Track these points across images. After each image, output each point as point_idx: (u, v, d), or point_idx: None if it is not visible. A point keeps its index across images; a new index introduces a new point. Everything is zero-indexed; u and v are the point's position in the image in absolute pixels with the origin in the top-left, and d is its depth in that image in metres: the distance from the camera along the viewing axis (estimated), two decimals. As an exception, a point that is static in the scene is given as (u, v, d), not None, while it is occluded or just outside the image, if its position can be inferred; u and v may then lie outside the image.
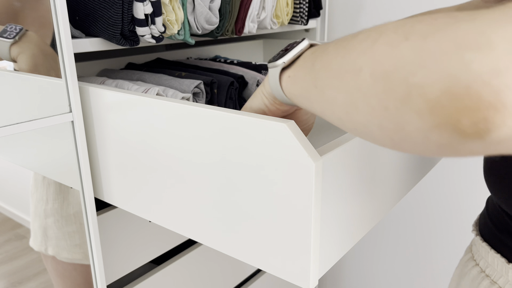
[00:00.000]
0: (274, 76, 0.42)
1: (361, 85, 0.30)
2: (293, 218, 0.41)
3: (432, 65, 0.25)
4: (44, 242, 0.73)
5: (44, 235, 0.72)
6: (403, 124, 0.28)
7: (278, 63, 0.41)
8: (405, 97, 0.27)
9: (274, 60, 0.42)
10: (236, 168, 0.45)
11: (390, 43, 0.28)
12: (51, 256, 0.74)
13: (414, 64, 0.26)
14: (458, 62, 0.24)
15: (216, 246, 0.51)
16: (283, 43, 1.19)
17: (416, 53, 0.26)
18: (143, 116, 0.53)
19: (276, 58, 0.42)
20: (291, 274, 0.44)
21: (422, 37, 0.27)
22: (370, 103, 0.30)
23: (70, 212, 0.72)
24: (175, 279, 0.86)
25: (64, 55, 0.56)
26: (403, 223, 1.27)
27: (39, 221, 0.72)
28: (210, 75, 0.77)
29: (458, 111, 0.25)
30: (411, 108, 0.27)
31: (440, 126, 0.26)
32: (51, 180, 0.72)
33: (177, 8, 0.68)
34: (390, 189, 0.56)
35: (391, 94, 0.28)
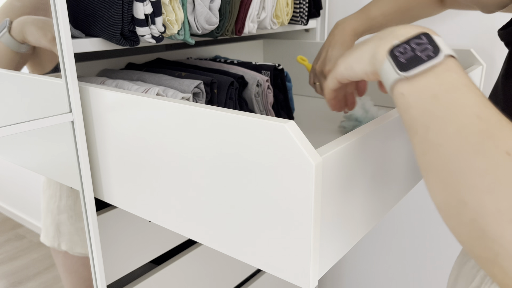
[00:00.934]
0: (388, 78, 0.39)
1: (463, 216, 0.32)
2: (293, 218, 0.41)
3: None
4: (57, 237, 0.74)
5: (57, 231, 0.73)
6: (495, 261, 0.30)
7: (401, 74, 0.37)
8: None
9: (398, 61, 0.38)
10: (236, 168, 0.45)
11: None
12: (62, 251, 0.75)
13: None
14: None
15: (216, 246, 0.51)
16: (283, 43, 1.19)
17: None
18: (143, 116, 0.53)
19: (400, 60, 0.38)
20: (291, 274, 0.44)
21: None
22: (469, 229, 0.31)
23: (83, 208, 0.73)
24: (175, 279, 0.86)
25: (64, 55, 0.56)
26: (403, 223, 1.27)
27: (51, 217, 0.73)
28: (210, 75, 0.77)
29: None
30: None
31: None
32: None
33: (177, 8, 0.68)
34: (390, 189, 0.56)
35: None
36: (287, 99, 0.88)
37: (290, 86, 0.90)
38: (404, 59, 0.37)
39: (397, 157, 0.56)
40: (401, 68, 0.37)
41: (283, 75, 0.87)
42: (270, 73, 0.84)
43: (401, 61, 0.38)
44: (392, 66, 0.38)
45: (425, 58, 0.37)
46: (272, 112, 0.84)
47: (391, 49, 0.39)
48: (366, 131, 0.47)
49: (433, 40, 0.37)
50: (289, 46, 1.18)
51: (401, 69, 0.37)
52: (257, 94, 0.81)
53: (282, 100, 0.87)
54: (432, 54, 0.37)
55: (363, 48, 0.44)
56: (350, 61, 0.46)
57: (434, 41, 0.37)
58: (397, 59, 0.38)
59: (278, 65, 0.86)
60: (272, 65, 0.85)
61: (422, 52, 0.37)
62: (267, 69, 0.85)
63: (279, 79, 0.86)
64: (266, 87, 0.82)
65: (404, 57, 0.38)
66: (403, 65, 0.37)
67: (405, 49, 0.38)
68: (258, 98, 0.81)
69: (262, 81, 0.80)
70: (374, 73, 0.43)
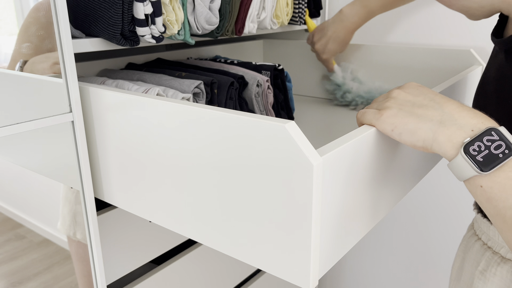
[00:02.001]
0: (463, 172, 0.42)
1: None
2: (293, 218, 0.41)
3: None
4: (73, 226, 0.75)
5: (73, 220, 0.74)
6: None
7: (481, 173, 0.41)
8: None
9: (475, 159, 0.40)
10: (236, 168, 0.45)
11: None
12: (77, 240, 0.76)
13: None
14: None
15: (216, 246, 0.51)
16: (283, 43, 1.19)
17: None
18: (143, 116, 0.53)
19: (478, 159, 0.40)
20: (291, 274, 0.44)
21: None
22: None
23: None
24: (175, 279, 0.86)
25: (64, 55, 0.56)
26: (403, 222, 1.27)
27: (69, 206, 0.74)
28: (210, 75, 0.77)
29: None
30: None
31: None
32: None
33: (177, 8, 0.68)
34: (390, 189, 0.56)
35: None
36: (287, 99, 0.88)
37: (290, 86, 0.90)
38: (481, 157, 0.40)
39: (397, 157, 0.56)
40: (480, 167, 0.40)
41: (283, 75, 0.87)
42: (270, 73, 0.84)
43: (479, 160, 0.41)
44: (469, 165, 0.41)
45: (501, 155, 0.40)
46: (272, 112, 0.84)
47: (466, 147, 0.41)
48: (366, 131, 0.47)
49: (503, 136, 0.40)
50: (289, 46, 1.18)
51: (480, 168, 0.40)
52: (257, 94, 0.81)
53: (282, 100, 0.88)
54: (507, 151, 0.40)
55: (419, 124, 0.45)
56: (399, 128, 0.46)
57: (505, 137, 0.40)
58: (475, 158, 0.41)
59: (278, 65, 0.86)
60: (272, 65, 0.85)
61: (496, 149, 0.40)
62: (267, 69, 0.85)
63: (279, 79, 0.86)
64: (266, 87, 0.82)
65: (480, 155, 0.41)
66: (481, 163, 0.40)
67: (479, 147, 0.41)
68: (258, 98, 0.81)
69: (262, 81, 0.80)
70: (425, 150, 0.45)
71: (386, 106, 0.48)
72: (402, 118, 0.46)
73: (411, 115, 0.46)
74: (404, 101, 0.48)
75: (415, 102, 0.47)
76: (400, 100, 0.48)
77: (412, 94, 0.48)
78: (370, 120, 0.49)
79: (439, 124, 0.44)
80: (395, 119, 0.46)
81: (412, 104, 0.47)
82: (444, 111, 0.44)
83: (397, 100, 0.48)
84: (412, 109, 0.46)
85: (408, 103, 0.47)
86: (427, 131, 0.44)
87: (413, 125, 0.45)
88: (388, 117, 0.47)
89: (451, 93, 0.71)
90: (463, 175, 0.42)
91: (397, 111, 0.47)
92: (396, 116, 0.46)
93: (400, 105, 0.47)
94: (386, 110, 0.48)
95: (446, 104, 0.45)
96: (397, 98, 0.48)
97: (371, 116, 0.49)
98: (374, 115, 0.49)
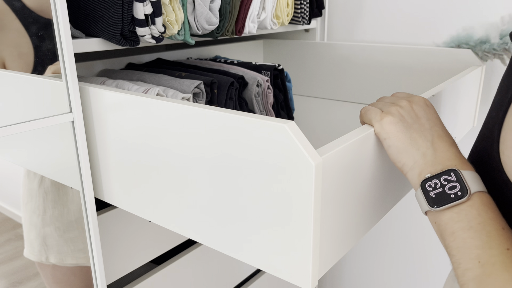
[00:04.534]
0: (420, 205, 0.44)
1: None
2: (293, 218, 0.41)
3: None
4: (44, 251, 0.71)
5: (43, 244, 0.71)
6: None
7: (430, 209, 0.43)
8: None
9: (428, 195, 0.43)
10: (236, 168, 0.45)
11: None
12: (51, 264, 0.73)
13: None
14: None
15: (216, 246, 0.51)
16: (283, 43, 1.19)
17: None
18: (143, 117, 0.53)
19: (430, 195, 0.43)
20: (291, 274, 0.44)
21: None
22: None
23: (71, 218, 0.71)
24: (175, 279, 0.86)
25: (64, 55, 0.56)
26: (403, 223, 1.27)
27: (35, 231, 0.71)
28: (210, 75, 0.77)
29: None
30: None
31: None
32: (48, 188, 0.71)
33: (177, 9, 0.68)
34: (389, 189, 0.56)
35: None
36: (287, 99, 0.88)
37: (290, 86, 0.90)
38: (434, 194, 0.42)
39: (397, 157, 0.56)
40: (430, 203, 0.43)
41: (283, 75, 0.87)
42: (270, 73, 0.84)
43: (431, 196, 0.43)
44: (423, 198, 0.43)
45: (453, 196, 0.41)
46: (272, 112, 0.84)
47: (424, 182, 0.44)
48: (366, 131, 0.47)
49: (462, 179, 0.42)
50: (289, 46, 1.18)
51: (430, 203, 0.43)
52: (257, 94, 0.81)
53: (282, 100, 0.88)
54: (459, 193, 0.41)
55: (407, 147, 0.47)
56: (391, 140, 0.47)
57: (464, 180, 0.42)
58: (428, 193, 0.43)
59: (278, 65, 0.86)
60: (272, 65, 0.85)
61: (450, 190, 0.42)
62: (267, 69, 0.85)
63: (279, 79, 0.86)
64: (266, 87, 0.82)
65: (433, 192, 0.43)
66: (432, 200, 0.42)
67: (436, 184, 0.43)
68: (258, 98, 0.81)
69: (262, 81, 0.80)
70: (401, 171, 0.47)
71: (390, 111, 0.49)
72: (398, 132, 0.47)
73: (406, 133, 0.47)
74: (408, 115, 0.48)
75: (415, 121, 0.48)
76: (405, 112, 0.49)
77: (417, 112, 0.49)
78: (370, 120, 0.50)
79: (422, 156, 0.46)
80: (392, 128, 0.47)
81: (413, 121, 0.48)
82: (433, 145, 0.46)
83: (402, 110, 0.49)
84: (410, 127, 0.47)
85: (410, 119, 0.48)
86: (409, 157, 0.46)
87: (403, 145, 0.47)
88: (387, 123, 0.48)
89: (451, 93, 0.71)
90: (421, 207, 0.45)
91: (398, 121, 0.48)
92: (395, 125, 0.47)
93: (402, 117, 0.48)
94: (388, 115, 0.48)
95: (438, 140, 0.47)
96: (403, 109, 0.49)
97: (372, 115, 0.50)
98: (375, 116, 0.49)
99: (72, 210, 0.71)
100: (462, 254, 0.40)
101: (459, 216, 0.41)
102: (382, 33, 1.13)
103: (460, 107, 0.79)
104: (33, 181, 0.72)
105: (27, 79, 0.60)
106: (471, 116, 0.92)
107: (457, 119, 0.80)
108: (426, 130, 0.48)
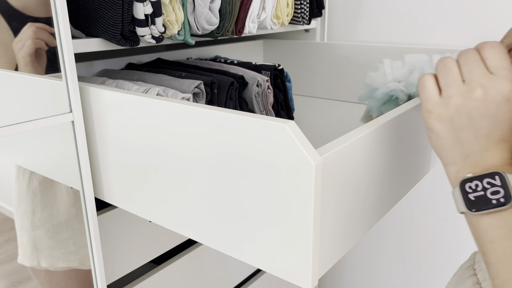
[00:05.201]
0: (457, 204, 0.41)
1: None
2: (293, 218, 0.41)
3: None
4: (35, 255, 0.70)
5: (34, 248, 0.69)
6: None
7: (467, 212, 0.40)
8: None
9: (467, 197, 0.39)
10: (236, 168, 0.45)
11: None
12: (44, 269, 0.72)
13: None
14: None
15: (216, 246, 0.51)
16: (283, 43, 1.19)
17: None
18: (143, 117, 0.53)
19: (469, 198, 0.39)
20: (291, 274, 0.44)
21: None
22: None
23: (61, 219, 0.70)
24: (175, 279, 0.86)
25: (64, 55, 0.56)
26: (403, 222, 1.27)
27: (27, 234, 0.69)
28: (210, 75, 0.77)
29: None
30: None
31: None
32: (36, 189, 0.69)
33: (177, 9, 0.68)
34: (389, 189, 0.56)
35: None
36: (287, 99, 0.88)
37: (290, 86, 0.91)
38: (473, 197, 0.39)
39: (397, 157, 0.56)
40: (468, 206, 0.39)
41: (283, 75, 0.87)
42: (270, 73, 0.84)
43: (470, 198, 0.39)
44: (461, 200, 0.40)
45: (495, 202, 0.38)
46: (272, 112, 0.84)
47: (463, 182, 0.40)
48: (366, 131, 0.47)
49: (506, 184, 0.38)
50: (289, 46, 1.18)
51: (468, 206, 0.39)
52: (257, 94, 0.81)
53: (282, 100, 0.88)
54: (502, 200, 0.38)
55: (455, 145, 0.42)
56: (442, 128, 0.42)
57: (508, 185, 0.38)
58: (467, 195, 0.40)
59: (278, 65, 0.86)
60: (272, 65, 0.85)
61: (493, 194, 0.38)
62: (267, 69, 0.85)
63: (279, 79, 0.87)
64: (266, 87, 0.82)
65: (473, 195, 0.39)
66: (471, 203, 0.39)
67: (477, 186, 0.39)
68: (258, 98, 0.81)
69: (262, 81, 0.80)
70: (440, 159, 0.44)
71: (448, 102, 0.42)
72: (443, 132, 0.42)
73: (452, 134, 0.42)
74: (466, 113, 0.41)
75: (472, 123, 0.41)
76: (465, 108, 0.41)
77: (487, 109, 0.41)
78: (421, 100, 0.44)
79: (463, 157, 0.42)
80: (438, 126, 0.43)
81: (468, 123, 0.41)
82: (483, 150, 0.41)
83: (463, 105, 0.41)
84: (460, 130, 0.42)
85: (466, 119, 0.41)
86: (448, 156, 0.43)
87: (444, 144, 0.43)
88: (435, 119, 0.43)
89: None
90: (457, 207, 0.42)
91: (448, 121, 0.42)
92: (441, 124, 0.42)
93: (457, 114, 0.42)
94: (441, 109, 0.42)
95: (494, 144, 0.41)
96: (467, 101, 0.41)
97: (425, 97, 0.44)
98: (427, 100, 0.43)
99: (61, 210, 0.70)
100: (502, 264, 0.37)
101: (500, 223, 0.38)
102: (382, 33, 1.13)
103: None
104: (22, 183, 0.70)
105: (27, 79, 0.60)
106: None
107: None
108: (482, 135, 0.41)
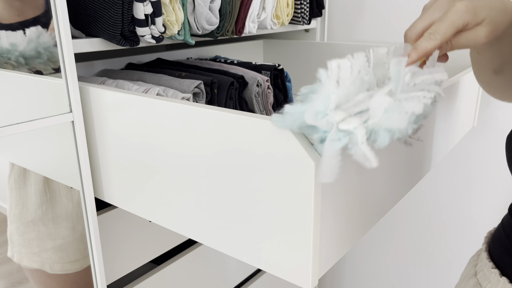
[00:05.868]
0: None
1: None
2: (293, 218, 0.41)
3: None
4: (11, 248, 0.71)
5: (11, 241, 0.70)
6: None
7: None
8: None
9: None
10: (236, 168, 0.45)
11: None
12: (35, 269, 0.72)
13: None
14: None
15: (216, 246, 0.51)
16: (283, 43, 1.19)
17: None
18: (144, 116, 0.53)
19: None
20: (291, 274, 0.44)
21: None
22: None
23: (28, 219, 0.70)
24: (175, 279, 0.86)
25: (64, 55, 0.56)
26: (403, 222, 1.27)
27: (8, 226, 0.71)
28: (210, 75, 0.77)
29: None
30: None
31: None
32: (12, 185, 0.69)
33: (177, 9, 0.68)
34: (390, 189, 0.56)
35: None
36: (287, 99, 0.88)
37: (290, 86, 0.90)
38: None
39: (397, 157, 0.56)
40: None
41: (283, 75, 0.87)
42: (270, 73, 0.84)
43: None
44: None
45: None
46: (272, 112, 0.84)
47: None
48: (366, 131, 0.47)
49: None
50: (289, 46, 1.18)
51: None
52: (257, 94, 0.81)
53: (282, 100, 0.88)
54: None
55: None
56: None
57: None
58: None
59: (278, 65, 0.86)
60: (272, 65, 0.85)
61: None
62: (267, 69, 0.85)
63: (279, 79, 0.87)
64: (266, 87, 0.82)
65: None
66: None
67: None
68: (258, 98, 0.81)
69: (262, 81, 0.80)
70: None
71: None
72: None
73: None
74: None
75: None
76: None
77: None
78: None
79: None
80: None
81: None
82: None
83: None
84: None
85: None
86: None
87: None
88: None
89: (450, 93, 0.71)
90: None
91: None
92: None
93: None
94: None
95: None
96: None
97: None
98: None
99: (30, 210, 0.70)
100: None
101: None
102: (382, 33, 1.13)
103: (460, 107, 0.79)
104: (8, 178, 0.71)
105: (27, 79, 0.60)
106: (471, 116, 0.92)
107: (457, 119, 0.80)
108: None
